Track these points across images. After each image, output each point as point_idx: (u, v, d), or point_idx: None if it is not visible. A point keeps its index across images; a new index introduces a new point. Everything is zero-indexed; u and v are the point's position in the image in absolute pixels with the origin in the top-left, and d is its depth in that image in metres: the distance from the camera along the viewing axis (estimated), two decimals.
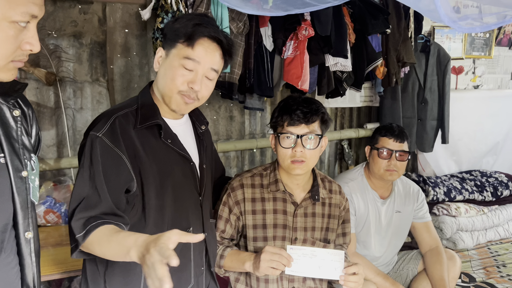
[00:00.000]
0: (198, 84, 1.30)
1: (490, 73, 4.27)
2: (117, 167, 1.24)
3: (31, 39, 0.89)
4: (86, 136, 1.26)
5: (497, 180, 3.79)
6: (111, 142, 1.24)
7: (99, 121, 1.28)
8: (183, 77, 1.30)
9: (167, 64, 1.32)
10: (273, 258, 1.45)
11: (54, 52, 2.37)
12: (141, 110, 1.32)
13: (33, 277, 1.01)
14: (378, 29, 2.77)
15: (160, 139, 1.33)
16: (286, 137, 1.59)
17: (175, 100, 1.33)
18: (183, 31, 1.29)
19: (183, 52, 1.29)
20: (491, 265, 3.12)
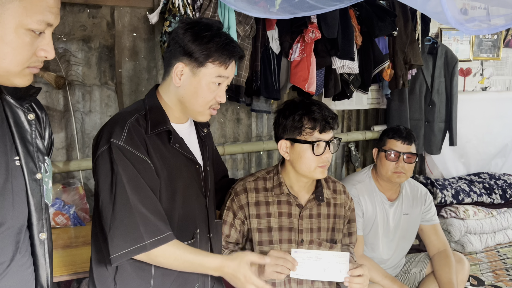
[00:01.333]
0: (224, 96, 1.37)
1: (498, 74, 4.24)
2: (146, 170, 1.27)
3: (46, 46, 0.91)
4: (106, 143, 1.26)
5: (506, 182, 3.76)
6: (134, 148, 1.26)
7: (114, 128, 1.28)
8: (213, 92, 1.35)
9: (196, 83, 1.33)
10: (278, 262, 1.45)
11: (64, 56, 2.39)
12: (150, 116, 1.34)
13: (46, 277, 1.02)
14: (385, 31, 2.77)
15: (169, 144, 1.36)
16: (316, 144, 1.60)
17: (204, 114, 1.38)
18: (213, 52, 1.30)
19: (215, 71, 1.32)
20: (500, 268, 3.10)
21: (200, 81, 1.32)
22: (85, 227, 2.28)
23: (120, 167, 1.23)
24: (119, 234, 1.21)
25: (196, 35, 1.30)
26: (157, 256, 1.24)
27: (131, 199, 1.22)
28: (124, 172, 1.23)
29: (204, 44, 1.30)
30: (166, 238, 1.23)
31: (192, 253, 1.29)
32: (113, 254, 1.21)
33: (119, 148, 1.24)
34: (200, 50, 1.30)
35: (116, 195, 1.23)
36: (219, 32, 1.33)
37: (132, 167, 1.24)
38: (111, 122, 1.33)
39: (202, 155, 1.50)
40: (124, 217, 1.21)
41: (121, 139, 1.25)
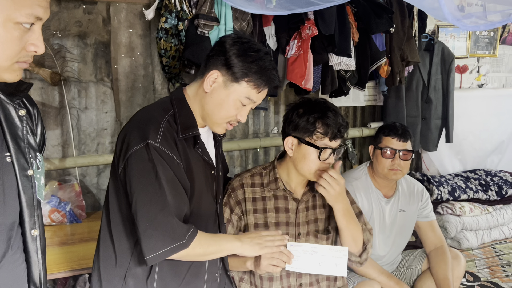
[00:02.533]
0: (246, 117, 1.37)
1: (495, 71, 4.25)
2: (180, 173, 1.28)
3: (36, 40, 0.90)
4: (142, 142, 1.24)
5: (502, 179, 3.77)
6: (169, 150, 1.26)
7: (148, 128, 1.26)
8: (237, 110, 1.35)
9: (225, 96, 1.32)
10: (274, 256, 1.47)
11: (59, 52, 2.38)
12: (180, 118, 1.33)
13: (39, 274, 1.02)
14: (382, 28, 2.76)
15: (193, 148, 1.36)
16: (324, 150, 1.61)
17: (220, 127, 1.38)
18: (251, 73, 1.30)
19: (247, 92, 1.32)
20: (495, 264, 3.11)
21: (229, 95, 1.32)
22: (81, 224, 2.27)
23: (158, 168, 1.22)
24: (157, 234, 1.21)
25: (243, 51, 1.30)
26: (195, 248, 1.26)
27: (169, 200, 1.23)
28: (163, 173, 1.23)
29: (247, 62, 1.30)
30: (194, 230, 1.27)
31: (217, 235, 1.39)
32: (150, 254, 1.21)
33: (156, 149, 1.23)
34: (241, 66, 1.30)
35: (154, 196, 1.22)
36: (265, 57, 1.33)
37: (169, 168, 1.24)
38: (141, 121, 1.31)
39: (216, 159, 1.50)
40: (163, 218, 1.21)
41: (157, 140, 1.24)
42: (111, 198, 1.34)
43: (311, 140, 1.61)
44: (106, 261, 1.35)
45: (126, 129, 1.32)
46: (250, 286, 1.73)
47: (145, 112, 1.36)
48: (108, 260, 1.34)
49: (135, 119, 1.35)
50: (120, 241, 1.33)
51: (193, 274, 1.39)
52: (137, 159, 1.24)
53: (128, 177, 1.25)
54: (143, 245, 1.21)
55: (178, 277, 1.36)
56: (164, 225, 1.21)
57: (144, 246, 1.21)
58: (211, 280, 1.46)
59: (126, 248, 1.33)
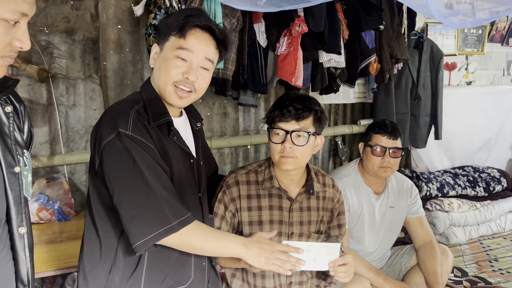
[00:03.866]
0: (194, 74, 1.30)
1: (483, 69, 4.30)
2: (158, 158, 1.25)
3: (22, 36, 0.89)
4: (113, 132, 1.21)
5: (490, 175, 3.83)
6: (142, 137, 1.23)
7: (117, 119, 1.23)
8: (178, 68, 1.30)
9: (162, 58, 1.32)
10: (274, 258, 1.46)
11: (46, 49, 2.35)
12: (150, 107, 1.31)
13: (27, 272, 1.01)
14: (371, 25, 2.77)
15: (169, 136, 1.33)
16: (276, 133, 1.60)
17: (169, 92, 1.32)
18: (175, 23, 1.30)
19: (176, 43, 1.30)
20: (483, 260, 3.15)
21: (164, 55, 1.31)
22: (69, 222, 2.25)
23: (135, 154, 1.19)
24: (144, 220, 1.16)
25: (170, 15, 1.34)
26: (189, 237, 1.22)
27: (152, 184, 1.18)
28: (140, 159, 1.19)
29: (170, 19, 1.31)
30: (189, 218, 1.22)
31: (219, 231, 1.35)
32: (138, 241, 1.16)
33: (129, 137, 1.20)
34: (165, 24, 1.31)
35: (136, 182, 1.18)
36: (192, 10, 1.35)
37: (145, 153, 1.22)
38: (111, 114, 1.28)
39: (196, 149, 1.49)
40: (148, 202, 1.17)
41: (128, 129, 1.21)
42: (92, 195, 1.31)
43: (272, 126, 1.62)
44: (91, 258, 1.33)
45: (97, 125, 1.29)
46: (242, 282, 1.73)
47: (115, 106, 1.34)
48: (93, 257, 1.32)
49: (105, 113, 1.32)
50: (105, 236, 1.30)
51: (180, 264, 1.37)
52: (111, 149, 1.21)
53: (106, 169, 1.22)
54: (130, 233, 1.17)
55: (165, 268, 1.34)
56: (150, 209, 1.17)
57: (131, 233, 1.17)
58: (199, 268, 1.45)
59: (111, 243, 1.30)
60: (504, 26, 4.24)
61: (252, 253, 1.30)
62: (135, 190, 1.18)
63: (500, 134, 4.25)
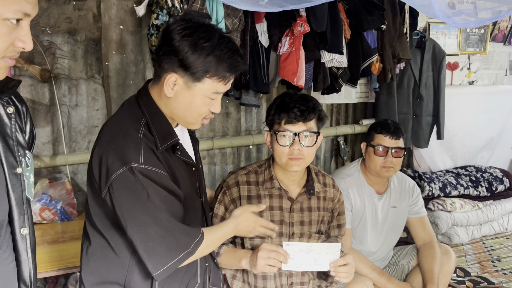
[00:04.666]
0: (219, 107, 1.31)
1: (485, 69, 4.28)
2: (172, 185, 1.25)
3: (24, 37, 0.89)
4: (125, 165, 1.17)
5: (492, 175, 3.81)
6: (155, 167, 1.20)
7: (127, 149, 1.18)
8: (208, 106, 1.28)
9: (191, 97, 1.23)
10: (270, 256, 1.46)
11: (49, 49, 2.35)
12: (155, 127, 1.25)
13: (29, 273, 1.01)
14: (373, 25, 2.77)
15: (173, 154, 1.31)
16: (283, 135, 1.60)
17: (195, 122, 1.32)
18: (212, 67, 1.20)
19: (213, 88, 1.24)
20: (485, 260, 3.15)
21: (195, 96, 1.23)
22: (72, 222, 2.26)
23: (148, 189, 1.17)
24: (162, 251, 1.19)
25: (195, 45, 1.17)
26: (203, 250, 1.29)
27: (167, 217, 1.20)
28: (155, 194, 1.18)
29: (203, 57, 1.18)
30: (201, 237, 1.27)
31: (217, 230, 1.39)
32: (158, 270, 1.19)
33: (142, 171, 1.17)
34: (198, 64, 1.18)
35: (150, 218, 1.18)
36: (220, 43, 1.20)
37: (160, 186, 1.20)
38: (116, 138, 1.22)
39: (194, 153, 1.48)
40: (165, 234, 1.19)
41: (140, 161, 1.17)
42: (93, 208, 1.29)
43: (274, 128, 1.62)
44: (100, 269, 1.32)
45: (101, 148, 1.22)
46: (243, 283, 1.73)
47: (117, 126, 1.26)
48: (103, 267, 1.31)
49: (108, 134, 1.25)
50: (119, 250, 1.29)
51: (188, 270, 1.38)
52: (123, 184, 1.16)
53: (117, 201, 1.18)
54: (149, 264, 1.19)
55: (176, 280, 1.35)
56: (167, 239, 1.19)
57: (150, 264, 1.19)
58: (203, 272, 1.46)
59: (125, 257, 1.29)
60: (506, 25, 4.23)
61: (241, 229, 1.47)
62: (150, 225, 1.18)
63: (503, 134, 4.23)
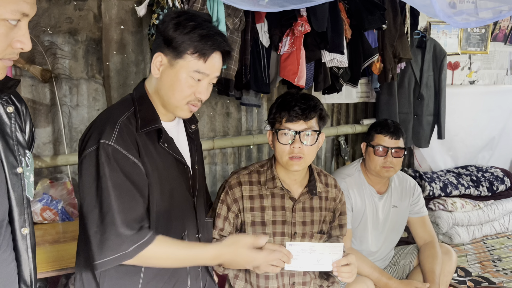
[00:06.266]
0: (205, 94, 1.30)
1: (486, 68, 4.28)
2: (136, 173, 1.23)
3: (22, 37, 0.88)
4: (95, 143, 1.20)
5: (493, 175, 3.81)
6: (124, 149, 1.21)
7: (104, 127, 1.22)
8: (192, 88, 1.28)
9: (173, 75, 1.27)
10: (273, 256, 1.45)
11: (50, 49, 2.36)
12: (140, 113, 1.29)
13: (30, 273, 1.01)
14: (374, 24, 2.77)
15: (158, 144, 1.31)
16: (284, 133, 1.60)
17: (182, 109, 1.32)
18: (193, 43, 1.24)
19: (193, 65, 1.26)
20: (487, 260, 3.14)
21: (177, 73, 1.26)
22: (73, 222, 2.26)
23: (107, 171, 1.18)
24: (103, 242, 1.17)
25: (179, 24, 1.24)
26: (149, 258, 1.22)
27: (114, 206, 1.18)
28: (111, 177, 1.18)
29: (185, 34, 1.23)
30: (147, 241, 1.20)
31: (185, 248, 1.28)
32: (98, 260, 1.18)
33: (109, 149, 1.19)
34: (180, 39, 1.23)
35: (101, 201, 1.18)
36: (204, 24, 1.26)
37: (119, 170, 1.20)
38: (100, 120, 1.28)
39: (190, 153, 1.46)
40: (108, 224, 1.17)
41: (112, 139, 1.20)
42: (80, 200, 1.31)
43: (275, 127, 1.62)
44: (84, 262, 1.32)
45: (86, 129, 1.29)
46: (245, 283, 1.73)
47: (107, 111, 1.33)
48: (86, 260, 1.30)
49: (95, 120, 1.31)
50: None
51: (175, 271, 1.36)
52: (89, 161, 1.21)
53: (80, 180, 1.23)
54: (92, 250, 1.18)
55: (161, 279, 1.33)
56: (109, 232, 1.17)
57: (92, 250, 1.18)
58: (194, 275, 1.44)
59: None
60: (507, 25, 4.22)
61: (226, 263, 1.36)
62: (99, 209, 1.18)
63: (503, 134, 4.23)
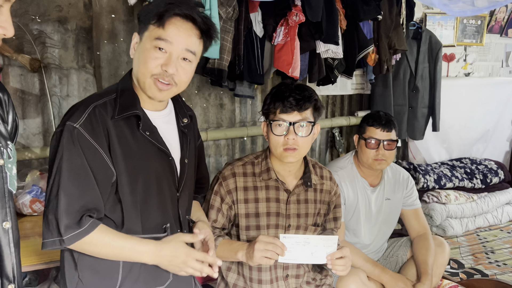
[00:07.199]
0: (173, 67, 1.22)
1: (481, 60, 4.27)
2: (97, 161, 1.20)
3: (4, 23, 0.86)
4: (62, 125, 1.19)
5: (487, 167, 3.82)
6: (89, 134, 1.18)
7: (76, 110, 1.21)
8: (156, 60, 1.22)
9: (140, 48, 1.25)
10: (267, 248, 1.45)
11: (38, 38, 2.31)
12: (120, 99, 1.26)
13: (12, 268, 0.98)
14: (369, 15, 2.74)
15: (138, 131, 1.27)
16: (278, 124, 1.57)
17: (149, 85, 1.25)
18: (154, 11, 1.22)
19: (154, 33, 1.22)
20: (479, 252, 3.16)
21: (143, 46, 1.24)
22: None
23: (66, 153, 1.16)
24: (47, 223, 1.17)
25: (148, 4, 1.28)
26: (84, 244, 1.18)
27: (63, 190, 1.15)
28: (68, 160, 1.16)
29: (150, 7, 1.24)
30: (84, 231, 1.16)
31: (123, 239, 1.21)
32: (43, 239, 1.18)
33: (73, 131, 1.17)
34: (144, 13, 1.24)
35: (54, 182, 1.17)
36: None
37: (80, 154, 1.17)
38: (77, 104, 1.26)
39: (181, 147, 1.41)
40: (54, 206, 1.15)
41: (78, 122, 1.18)
42: None
43: (271, 118, 1.60)
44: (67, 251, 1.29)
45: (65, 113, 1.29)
46: (238, 276, 1.72)
47: (87, 97, 1.30)
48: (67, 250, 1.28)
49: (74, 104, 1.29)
50: None
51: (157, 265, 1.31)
52: (53, 142, 1.21)
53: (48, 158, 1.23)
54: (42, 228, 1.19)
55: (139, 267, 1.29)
56: (50, 215, 1.16)
57: (42, 228, 1.19)
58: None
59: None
60: (503, 17, 4.20)
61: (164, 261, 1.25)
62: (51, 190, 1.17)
63: (498, 126, 4.23)
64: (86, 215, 1.18)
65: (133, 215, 1.27)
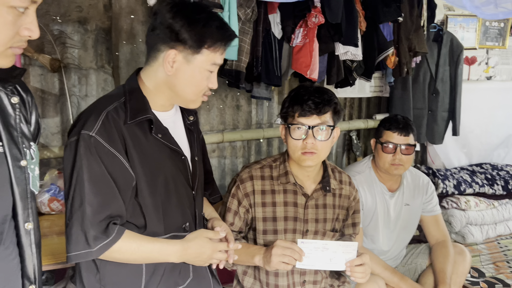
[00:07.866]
0: (216, 83, 1.31)
1: (504, 63, 4.16)
2: (116, 167, 1.19)
3: (30, 24, 0.86)
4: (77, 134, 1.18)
5: (508, 173, 3.72)
6: (106, 141, 1.18)
7: (88, 118, 1.20)
8: (207, 80, 1.29)
9: (191, 71, 1.25)
10: (285, 253, 1.43)
11: (59, 38, 2.33)
12: (130, 103, 1.24)
13: (33, 269, 0.98)
14: (390, 17, 2.70)
15: (151, 134, 1.27)
16: (297, 128, 1.55)
17: (196, 102, 1.33)
18: (209, 37, 1.23)
19: (211, 58, 1.26)
20: (500, 260, 3.07)
21: (195, 69, 1.25)
22: None
23: (84, 162, 1.15)
24: (73, 234, 1.16)
25: (189, 18, 1.21)
26: (112, 252, 1.18)
27: (87, 202, 1.15)
28: (87, 169, 1.15)
29: (200, 28, 1.22)
30: (112, 240, 1.17)
31: (149, 242, 1.24)
32: (68, 252, 1.17)
33: (90, 139, 1.16)
34: (195, 35, 1.21)
35: (74, 194, 1.16)
36: (212, 15, 1.25)
37: (98, 163, 1.16)
38: (87, 110, 1.26)
39: (189, 144, 1.42)
40: (79, 218, 1.15)
41: (94, 130, 1.17)
42: None
43: (289, 122, 1.58)
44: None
45: (76, 119, 1.28)
46: (254, 280, 1.70)
47: (96, 101, 1.30)
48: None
49: (86, 108, 1.29)
50: None
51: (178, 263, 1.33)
52: (69, 151, 1.19)
53: (63, 169, 1.22)
54: (66, 241, 1.18)
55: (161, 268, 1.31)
56: (75, 228, 1.15)
57: (66, 242, 1.17)
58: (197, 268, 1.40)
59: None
60: None
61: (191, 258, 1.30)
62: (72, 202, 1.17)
63: None
64: (112, 223, 1.18)
65: (155, 217, 1.28)
